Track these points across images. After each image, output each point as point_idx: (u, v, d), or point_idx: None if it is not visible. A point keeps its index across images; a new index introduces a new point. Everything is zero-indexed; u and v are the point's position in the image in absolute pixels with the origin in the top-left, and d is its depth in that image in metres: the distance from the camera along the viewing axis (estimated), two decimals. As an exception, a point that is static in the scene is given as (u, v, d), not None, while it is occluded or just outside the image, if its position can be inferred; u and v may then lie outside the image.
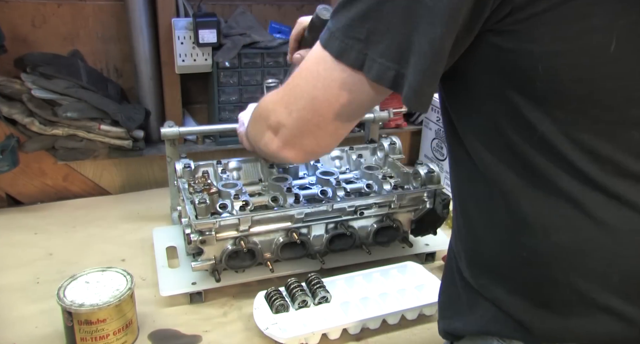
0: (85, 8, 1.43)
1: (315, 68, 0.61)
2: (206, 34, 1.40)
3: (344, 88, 0.59)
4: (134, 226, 1.31)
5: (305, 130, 0.65)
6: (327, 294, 0.98)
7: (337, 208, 1.06)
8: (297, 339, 0.91)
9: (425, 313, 1.02)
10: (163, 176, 1.38)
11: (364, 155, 1.31)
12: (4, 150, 1.28)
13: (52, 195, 1.44)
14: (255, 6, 1.61)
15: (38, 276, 1.10)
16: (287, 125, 0.66)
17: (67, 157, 1.40)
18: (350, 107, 0.61)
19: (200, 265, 1.01)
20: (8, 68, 1.35)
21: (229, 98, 1.55)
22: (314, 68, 0.61)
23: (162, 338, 0.95)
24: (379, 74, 0.55)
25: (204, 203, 0.97)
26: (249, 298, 1.01)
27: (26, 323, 0.96)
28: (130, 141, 1.43)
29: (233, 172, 1.22)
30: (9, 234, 1.26)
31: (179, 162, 1.15)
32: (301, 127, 0.65)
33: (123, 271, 0.94)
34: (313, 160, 1.24)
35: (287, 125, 0.66)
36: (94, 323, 0.86)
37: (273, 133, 0.68)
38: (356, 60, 0.56)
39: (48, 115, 1.32)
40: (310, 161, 1.22)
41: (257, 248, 1.03)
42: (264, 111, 0.71)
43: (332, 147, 0.69)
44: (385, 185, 1.14)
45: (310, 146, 0.67)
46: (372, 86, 0.58)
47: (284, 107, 0.66)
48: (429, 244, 1.21)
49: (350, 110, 0.62)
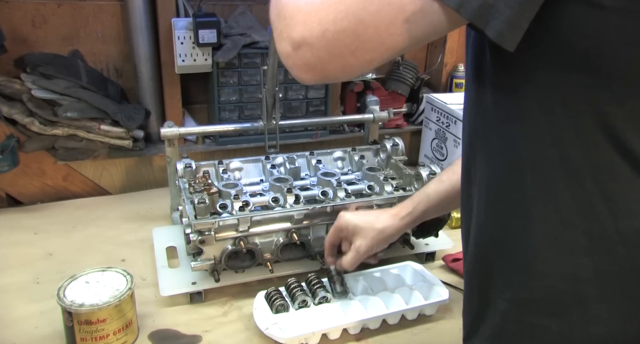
0: (85, 8, 1.43)
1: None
2: (206, 34, 1.40)
3: (402, 14, 0.51)
4: (134, 226, 1.31)
5: (337, 54, 0.55)
6: (327, 294, 0.98)
7: (338, 209, 1.06)
8: (297, 339, 0.91)
9: (425, 313, 1.02)
10: (163, 177, 1.38)
11: (366, 156, 1.31)
12: (4, 150, 1.28)
13: (52, 195, 1.44)
14: (255, 6, 1.61)
15: (38, 276, 1.10)
16: (315, 45, 0.55)
17: (67, 157, 1.40)
18: (402, 37, 0.52)
19: (199, 264, 1.01)
20: (8, 68, 1.35)
21: (229, 98, 1.55)
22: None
23: (162, 338, 0.95)
24: (461, 1, 0.48)
25: (203, 203, 0.97)
26: (249, 298, 1.01)
27: (26, 323, 0.96)
28: (130, 141, 1.43)
29: (234, 172, 1.22)
30: (9, 234, 1.26)
31: (180, 162, 1.15)
32: (332, 51, 0.55)
33: (123, 271, 0.94)
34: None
35: (315, 45, 0.55)
36: (94, 323, 0.86)
37: (292, 47, 0.57)
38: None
39: (48, 115, 1.32)
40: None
41: (257, 248, 1.03)
42: (289, 16, 0.59)
43: (355, 75, 0.61)
44: (387, 186, 1.14)
45: (333, 71, 0.58)
46: (444, 14, 0.50)
47: (317, 23, 0.55)
48: (429, 244, 1.21)
49: (401, 42, 0.53)
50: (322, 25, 0.55)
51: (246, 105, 1.57)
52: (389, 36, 0.53)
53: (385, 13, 0.52)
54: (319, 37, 0.55)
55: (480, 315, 0.63)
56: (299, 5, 0.58)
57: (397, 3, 0.51)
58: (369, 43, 0.54)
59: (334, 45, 0.55)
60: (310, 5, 0.57)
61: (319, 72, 0.58)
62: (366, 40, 0.54)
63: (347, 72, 0.58)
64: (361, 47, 0.54)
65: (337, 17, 0.54)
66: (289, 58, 0.59)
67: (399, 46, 0.54)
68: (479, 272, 0.63)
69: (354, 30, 0.53)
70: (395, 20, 0.51)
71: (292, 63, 0.59)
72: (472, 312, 0.65)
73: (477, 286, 0.64)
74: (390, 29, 0.52)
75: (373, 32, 0.53)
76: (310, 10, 0.57)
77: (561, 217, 0.53)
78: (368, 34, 0.53)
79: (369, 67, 0.57)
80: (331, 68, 0.57)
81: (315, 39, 0.55)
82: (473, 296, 0.65)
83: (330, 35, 0.54)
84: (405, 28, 0.52)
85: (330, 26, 0.54)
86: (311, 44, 0.56)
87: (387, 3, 0.51)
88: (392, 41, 0.53)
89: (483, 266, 0.62)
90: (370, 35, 0.53)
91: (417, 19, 0.51)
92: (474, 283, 0.65)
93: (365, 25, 0.53)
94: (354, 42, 0.54)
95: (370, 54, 0.55)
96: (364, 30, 0.53)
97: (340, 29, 0.54)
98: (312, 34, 0.55)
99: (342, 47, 0.55)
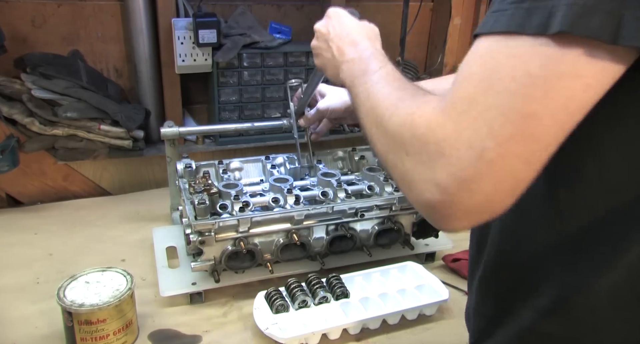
0: (85, 8, 1.43)
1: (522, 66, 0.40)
2: (206, 34, 1.40)
3: (581, 81, 0.40)
4: (134, 226, 1.31)
5: (506, 176, 0.42)
6: (327, 294, 0.98)
7: (338, 210, 1.06)
8: (297, 339, 0.91)
9: (425, 313, 1.02)
10: (163, 176, 1.38)
11: (366, 157, 1.31)
12: (4, 150, 1.28)
13: (52, 195, 1.44)
14: (255, 6, 1.61)
15: (38, 276, 1.10)
16: (473, 177, 0.42)
17: (67, 157, 1.40)
18: (582, 108, 0.41)
19: (199, 265, 1.01)
20: (8, 68, 1.35)
21: (229, 98, 1.55)
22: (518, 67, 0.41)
23: (162, 338, 0.95)
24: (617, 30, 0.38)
25: (203, 204, 0.97)
26: (249, 298, 1.01)
27: (26, 323, 0.96)
28: (130, 141, 1.43)
29: (234, 172, 1.22)
30: (9, 234, 1.26)
31: (180, 162, 1.15)
32: (500, 173, 0.42)
33: (123, 271, 0.94)
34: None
35: (473, 178, 0.42)
36: (94, 323, 0.86)
37: (440, 193, 0.44)
38: (604, 27, 0.38)
39: (48, 115, 1.32)
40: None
41: (257, 249, 1.03)
42: (417, 150, 0.46)
43: (514, 198, 0.44)
44: (387, 186, 1.14)
45: (500, 202, 0.43)
46: (617, 57, 0.40)
47: (465, 148, 0.42)
48: (429, 244, 1.21)
49: (579, 115, 0.42)
50: (474, 148, 0.42)
51: (246, 105, 1.58)
52: (569, 116, 0.41)
53: (554, 89, 0.40)
54: (476, 163, 0.42)
55: (495, 321, 0.61)
56: (424, 134, 0.45)
57: (566, 68, 0.39)
58: (545, 137, 0.41)
59: (502, 165, 0.41)
60: (442, 127, 0.44)
61: (486, 212, 0.44)
62: (540, 136, 0.41)
63: (515, 194, 0.43)
64: (536, 149, 0.42)
65: (494, 127, 0.41)
66: (436, 211, 0.45)
67: (575, 121, 0.42)
68: (501, 278, 0.61)
69: (522, 131, 0.41)
70: (575, 92, 0.40)
71: (445, 215, 0.45)
72: (486, 316, 0.64)
73: (495, 291, 0.62)
74: (570, 106, 0.41)
75: (549, 121, 0.41)
76: (447, 135, 0.43)
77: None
78: (539, 124, 0.41)
79: (536, 173, 0.43)
80: (498, 199, 0.43)
81: (472, 170, 0.42)
82: (488, 300, 0.63)
83: (493, 153, 0.41)
84: (588, 96, 0.40)
85: (489, 142, 0.41)
86: (466, 179, 0.42)
87: (556, 76, 0.40)
88: (572, 121, 0.41)
89: (508, 273, 0.59)
90: (543, 126, 0.41)
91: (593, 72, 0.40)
92: (491, 287, 0.63)
93: (538, 118, 0.41)
94: (527, 146, 0.41)
95: (546, 151, 0.42)
96: (537, 125, 0.41)
97: (506, 136, 0.41)
98: (463, 164, 0.42)
99: (512, 161, 0.41)
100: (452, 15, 1.79)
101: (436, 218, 0.45)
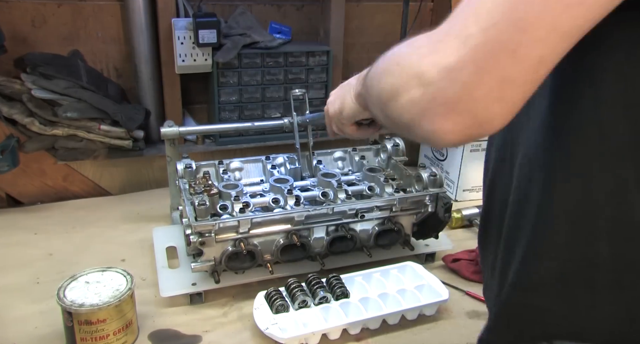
0: (85, 8, 1.43)
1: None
2: (206, 34, 1.40)
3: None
4: (134, 226, 1.31)
5: (490, 66, 0.40)
6: (327, 294, 0.98)
7: (338, 210, 1.06)
8: (297, 339, 0.91)
9: (425, 313, 1.02)
10: (163, 176, 1.38)
11: (366, 157, 1.31)
12: (4, 150, 1.28)
13: (52, 195, 1.44)
14: (255, 6, 1.61)
15: (38, 277, 1.10)
16: (456, 64, 0.41)
17: (67, 157, 1.40)
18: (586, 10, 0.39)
19: (199, 266, 1.01)
20: (8, 68, 1.35)
21: (229, 98, 1.55)
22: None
23: (162, 338, 0.95)
24: None
25: (203, 205, 0.97)
26: (249, 299, 1.01)
27: (26, 323, 0.96)
28: (130, 141, 1.43)
29: (234, 172, 1.22)
30: (9, 234, 1.26)
31: (181, 162, 1.15)
32: (483, 63, 0.40)
33: (123, 271, 0.94)
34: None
35: (456, 65, 0.41)
36: (94, 323, 0.86)
37: (420, 86, 0.43)
38: None
39: (48, 115, 1.32)
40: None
41: (257, 249, 1.03)
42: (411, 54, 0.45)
43: (512, 115, 0.42)
44: (387, 187, 1.14)
45: (484, 102, 0.41)
46: None
47: (453, 39, 0.41)
48: (429, 245, 1.21)
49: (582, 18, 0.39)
50: (459, 36, 0.41)
51: (246, 105, 1.58)
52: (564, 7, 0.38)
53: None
54: (459, 49, 0.41)
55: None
56: (419, 39, 0.45)
57: None
58: (537, 30, 0.39)
59: (485, 52, 0.39)
60: (438, 30, 0.43)
61: (470, 111, 0.41)
62: (529, 26, 0.39)
63: (503, 97, 0.40)
64: (524, 41, 0.39)
65: (481, 14, 0.40)
66: (418, 109, 0.44)
67: (580, 27, 0.39)
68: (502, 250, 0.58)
69: (510, 18, 0.39)
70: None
71: (426, 110, 0.43)
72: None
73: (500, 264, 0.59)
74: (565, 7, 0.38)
75: (540, 7, 0.38)
76: (439, 33, 0.43)
77: (588, 198, 0.47)
78: (533, 17, 0.39)
79: (535, 75, 0.41)
80: (482, 96, 0.40)
81: (454, 57, 0.41)
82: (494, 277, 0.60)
83: (475, 39, 0.40)
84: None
85: (473, 28, 0.40)
86: (447, 66, 0.41)
87: None
88: (571, 20, 0.38)
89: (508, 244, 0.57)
90: (537, 18, 0.38)
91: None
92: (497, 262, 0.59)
93: (529, 3, 0.39)
94: (513, 35, 0.39)
95: (540, 48, 0.39)
96: (527, 10, 0.39)
97: (491, 23, 0.39)
98: (446, 52, 0.41)
99: (496, 50, 0.39)
100: (452, 15, 1.79)
101: (419, 119, 0.44)
